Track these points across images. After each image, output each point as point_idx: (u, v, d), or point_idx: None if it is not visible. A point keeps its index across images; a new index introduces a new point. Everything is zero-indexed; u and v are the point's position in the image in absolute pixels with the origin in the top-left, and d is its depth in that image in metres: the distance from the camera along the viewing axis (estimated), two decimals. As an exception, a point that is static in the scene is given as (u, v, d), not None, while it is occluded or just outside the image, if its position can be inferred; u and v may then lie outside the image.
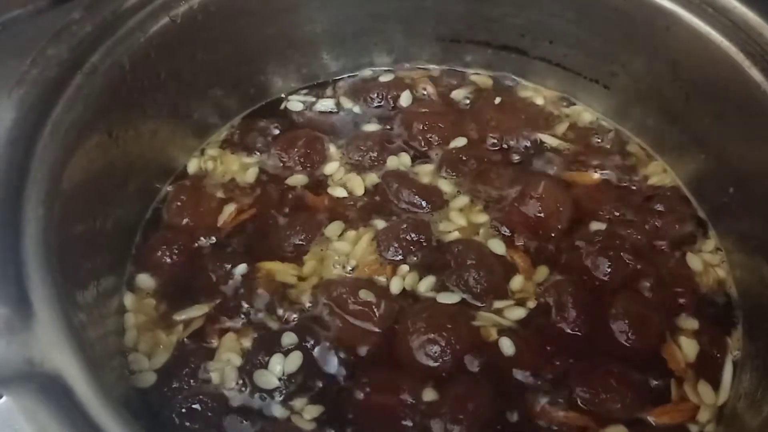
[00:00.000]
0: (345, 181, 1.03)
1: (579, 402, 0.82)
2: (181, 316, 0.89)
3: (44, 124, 0.75)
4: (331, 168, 1.04)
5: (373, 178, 1.03)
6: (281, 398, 0.82)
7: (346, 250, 0.95)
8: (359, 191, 1.01)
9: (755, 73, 0.85)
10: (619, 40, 1.01)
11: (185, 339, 0.87)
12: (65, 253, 0.72)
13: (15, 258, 0.65)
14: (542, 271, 0.93)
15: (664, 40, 0.95)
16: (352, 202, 1.01)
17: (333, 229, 0.97)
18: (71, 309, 0.69)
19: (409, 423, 0.80)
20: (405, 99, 1.12)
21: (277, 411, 0.81)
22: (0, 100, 0.75)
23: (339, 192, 1.02)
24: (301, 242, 0.95)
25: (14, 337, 0.60)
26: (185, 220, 0.97)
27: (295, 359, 0.84)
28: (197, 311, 0.89)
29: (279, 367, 0.83)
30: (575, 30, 1.05)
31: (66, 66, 0.80)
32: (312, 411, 0.81)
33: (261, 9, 1.01)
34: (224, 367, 0.84)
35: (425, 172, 1.04)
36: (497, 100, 1.12)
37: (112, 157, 0.88)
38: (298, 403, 0.82)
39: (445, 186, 1.02)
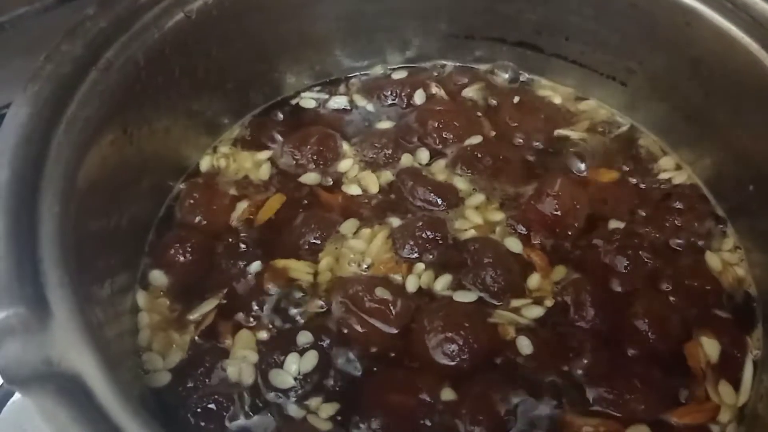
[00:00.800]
0: (359, 179, 1.02)
1: (602, 403, 0.81)
2: (194, 315, 0.88)
3: (59, 121, 0.74)
4: (344, 165, 1.04)
5: (387, 175, 1.02)
6: (297, 398, 0.81)
7: (362, 248, 0.94)
8: (374, 189, 1.01)
9: (777, 70, 0.84)
10: (638, 36, 1.00)
11: (199, 337, 0.86)
12: (81, 252, 0.71)
13: (32, 257, 0.64)
14: (560, 270, 0.92)
15: (683, 37, 0.94)
16: (366, 200, 1.00)
17: (348, 226, 0.96)
18: (88, 308, 0.68)
19: (427, 423, 0.79)
20: (419, 96, 1.11)
21: (293, 410, 0.81)
22: (12, 96, 0.74)
23: (353, 190, 1.01)
24: (315, 240, 0.94)
25: (32, 337, 0.59)
26: (198, 218, 0.97)
27: (311, 358, 0.83)
28: (210, 308, 0.89)
29: (294, 366, 0.83)
30: (593, 26, 1.04)
31: (80, 62, 0.79)
32: (328, 410, 0.81)
33: (275, 5, 1.01)
34: (240, 363, 0.84)
35: (440, 170, 1.03)
36: (515, 99, 1.11)
37: (127, 155, 0.87)
38: (313, 402, 0.81)
39: (461, 184, 1.01)
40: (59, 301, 0.62)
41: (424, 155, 1.04)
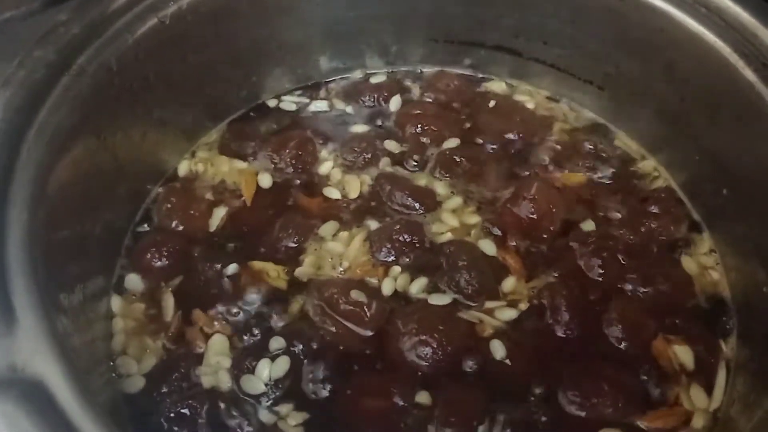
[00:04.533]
0: (338, 183, 1.02)
1: (571, 405, 0.81)
2: (168, 319, 0.88)
3: (30, 127, 0.74)
4: (324, 169, 1.04)
5: (366, 179, 1.02)
6: (268, 403, 0.82)
7: (339, 251, 0.94)
8: (353, 193, 1.01)
9: (749, 74, 0.85)
10: (614, 40, 1.01)
11: (172, 342, 0.86)
12: (51, 257, 0.72)
13: (-2, 263, 0.64)
14: (535, 273, 0.92)
15: (658, 41, 0.95)
16: (345, 204, 1.00)
17: (327, 229, 0.96)
18: (55, 314, 0.68)
19: (400, 427, 0.79)
20: (397, 101, 1.12)
21: (264, 416, 0.81)
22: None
23: (332, 193, 1.01)
24: (293, 244, 0.95)
25: (-4, 342, 0.60)
26: (175, 222, 0.97)
27: (283, 364, 0.83)
28: (181, 312, 0.89)
29: (266, 372, 0.83)
30: (569, 31, 1.04)
31: (53, 68, 0.79)
32: (298, 416, 0.81)
33: (251, 11, 1.01)
34: (216, 371, 0.84)
35: (418, 174, 1.03)
36: (491, 103, 1.12)
37: (101, 160, 0.87)
38: (284, 408, 0.81)
39: (439, 187, 1.01)
40: (25, 307, 0.63)
41: (401, 159, 1.05)
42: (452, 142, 1.06)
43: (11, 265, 0.65)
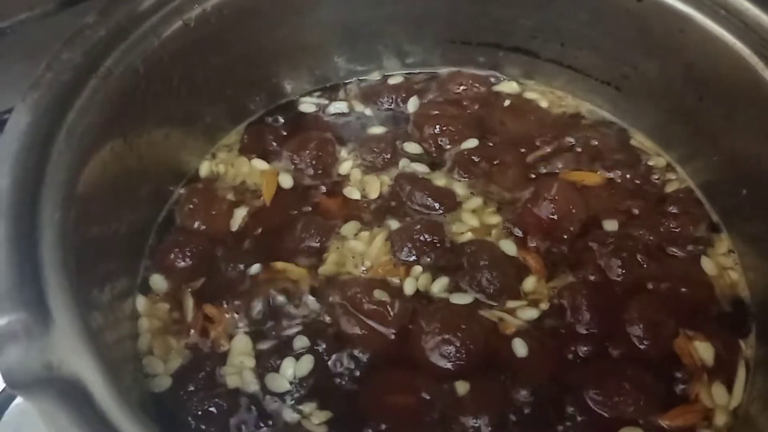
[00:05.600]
0: (358, 183, 1.03)
1: (593, 404, 0.82)
2: (189, 320, 0.89)
3: (59, 129, 0.75)
4: (343, 170, 1.05)
5: (385, 180, 1.03)
6: (292, 402, 0.82)
7: (361, 250, 0.95)
8: (373, 193, 1.02)
9: (768, 75, 0.85)
10: (632, 42, 1.01)
11: (196, 342, 0.87)
12: (81, 257, 0.72)
13: (33, 262, 0.65)
14: (555, 273, 0.93)
15: (677, 42, 0.95)
16: (366, 204, 1.01)
17: (348, 228, 0.97)
18: (88, 313, 0.69)
19: (426, 421, 0.80)
20: (415, 102, 1.13)
21: (288, 415, 0.81)
22: (14, 101, 0.75)
23: (353, 194, 1.02)
24: (316, 244, 0.95)
25: (33, 342, 0.60)
26: (197, 223, 0.98)
27: (307, 363, 0.84)
28: (210, 313, 0.89)
29: (291, 370, 0.84)
30: (587, 32, 1.05)
31: (80, 70, 0.80)
32: (322, 415, 0.81)
33: (272, 12, 1.01)
34: (240, 370, 0.85)
35: (437, 174, 1.04)
36: (510, 101, 1.13)
37: (127, 161, 0.88)
38: (308, 407, 0.82)
39: (458, 188, 1.02)
40: (60, 306, 0.63)
41: (421, 160, 1.05)
42: (470, 143, 1.06)
43: (45, 264, 0.65)
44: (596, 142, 1.07)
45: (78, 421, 0.57)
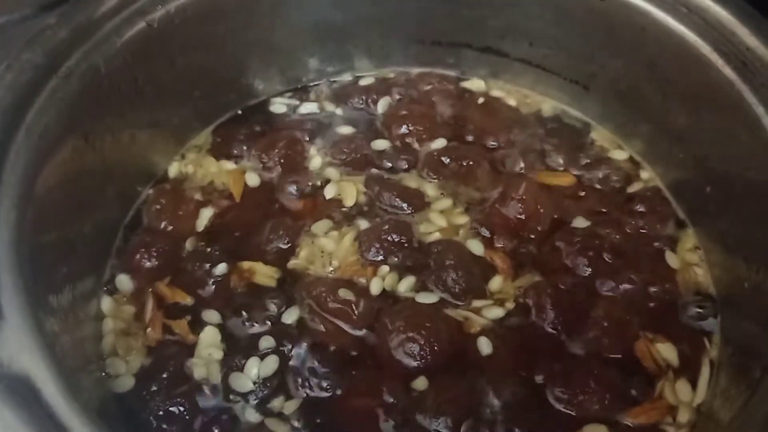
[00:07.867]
0: (331, 185, 1.03)
1: (558, 402, 0.82)
2: (159, 319, 0.89)
3: (18, 128, 0.75)
4: (314, 169, 1.05)
5: (354, 180, 1.03)
6: (256, 402, 0.82)
7: (330, 249, 0.95)
8: (342, 194, 1.01)
9: (728, 72, 0.85)
10: (597, 41, 1.02)
11: (163, 341, 0.87)
12: (39, 257, 0.72)
13: (-15, 261, 0.65)
14: (521, 272, 0.93)
15: (639, 41, 0.95)
16: (335, 204, 1.01)
17: (319, 227, 0.97)
18: (43, 313, 0.69)
19: (389, 424, 0.80)
20: (385, 102, 1.13)
21: (251, 415, 0.81)
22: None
23: (325, 194, 1.02)
24: (284, 245, 0.95)
25: (-18, 339, 0.60)
26: (164, 223, 0.98)
27: (271, 363, 0.84)
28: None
29: (255, 370, 0.84)
30: (554, 32, 1.05)
31: (41, 70, 0.80)
32: (287, 415, 0.82)
33: (239, 14, 1.01)
34: (208, 362, 0.85)
35: (408, 175, 1.04)
36: (480, 100, 1.13)
37: (89, 162, 0.88)
38: (271, 406, 0.82)
39: (427, 188, 1.02)
40: (12, 305, 0.64)
41: (390, 161, 1.05)
42: (439, 143, 1.06)
43: (-1, 264, 0.66)
44: (565, 142, 1.07)
45: (25, 417, 0.57)
